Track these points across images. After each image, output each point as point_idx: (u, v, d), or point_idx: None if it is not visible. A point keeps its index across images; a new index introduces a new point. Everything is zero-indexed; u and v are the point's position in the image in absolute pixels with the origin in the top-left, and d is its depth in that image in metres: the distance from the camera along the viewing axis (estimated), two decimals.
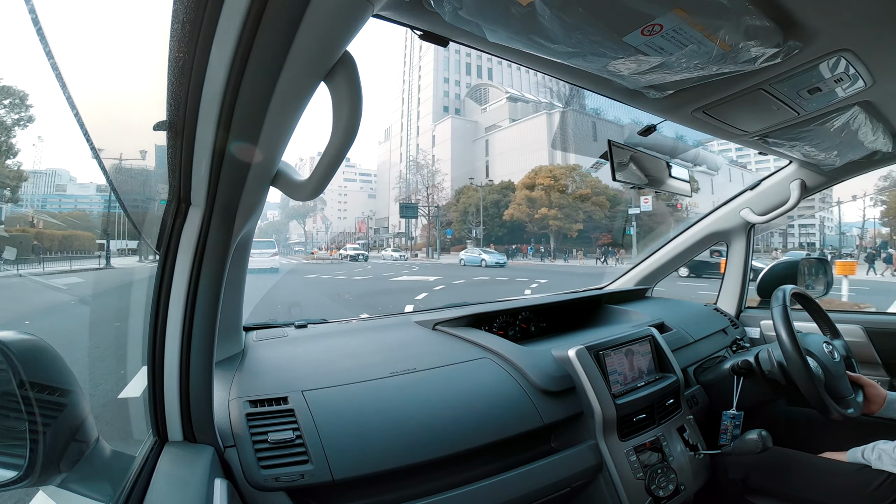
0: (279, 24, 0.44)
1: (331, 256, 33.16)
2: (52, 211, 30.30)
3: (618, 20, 0.62)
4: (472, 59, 47.80)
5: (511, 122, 41.70)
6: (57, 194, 33.81)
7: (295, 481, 0.80)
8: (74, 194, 31.15)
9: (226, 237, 0.71)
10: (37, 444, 0.52)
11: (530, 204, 32.18)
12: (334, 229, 54.55)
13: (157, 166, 0.73)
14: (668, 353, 1.34)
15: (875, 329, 1.63)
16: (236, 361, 1.06)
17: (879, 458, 1.08)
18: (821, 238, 36.53)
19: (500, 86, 44.74)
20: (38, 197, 31.94)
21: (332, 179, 0.63)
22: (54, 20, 0.45)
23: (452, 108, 48.17)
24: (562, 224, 31.13)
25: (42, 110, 39.79)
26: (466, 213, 35.64)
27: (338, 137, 0.56)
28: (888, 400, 1.28)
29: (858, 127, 1.13)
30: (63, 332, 4.51)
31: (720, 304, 1.99)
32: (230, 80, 0.49)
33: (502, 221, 33.71)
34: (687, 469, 1.21)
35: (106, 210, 13.27)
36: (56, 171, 34.93)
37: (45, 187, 32.87)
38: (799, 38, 0.72)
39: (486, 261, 24.32)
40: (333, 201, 57.05)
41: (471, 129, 45.65)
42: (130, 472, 0.67)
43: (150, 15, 0.51)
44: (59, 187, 34.64)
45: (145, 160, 0.80)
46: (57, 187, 34.47)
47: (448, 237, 36.52)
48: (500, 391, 1.09)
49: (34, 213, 22.28)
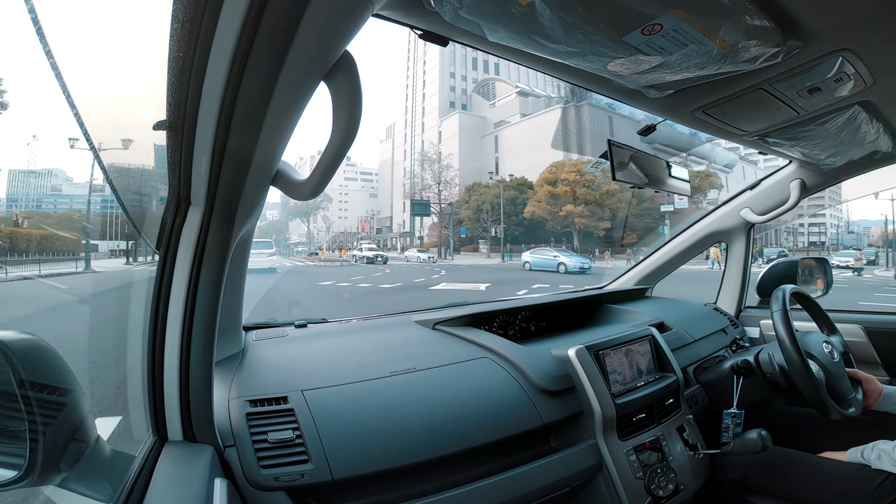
0: (279, 23, 0.44)
1: (340, 258, 30.28)
2: (46, 211, 29.74)
3: (618, 20, 0.62)
4: (478, 54, 44.96)
5: (522, 118, 40.20)
6: (52, 194, 33.25)
7: (295, 481, 0.80)
8: (70, 194, 30.56)
9: (226, 237, 0.71)
10: (37, 443, 0.52)
11: (552, 201, 29.41)
12: (335, 229, 53.59)
13: (157, 166, 0.73)
14: (667, 352, 1.34)
15: (875, 329, 1.63)
16: (236, 361, 1.06)
17: (879, 457, 1.08)
18: (830, 237, 34.89)
19: (508, 80, 43.17)
20: (32, 197, 31.44)
21: (333, 179, 0.63)
22: (54, 20, 0.45)
23: (459, 103, 45.96)
24: (587, 222, 28.35)
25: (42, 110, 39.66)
26: (480, 210, 32.93)
27: (338, 137, 0.56)
28: (884, 394, 1.28)
29: (858, 126, 1.13)
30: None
31: (720, 304, 1.99)
32: (230, 80, 0.49)
33: (520, 219, 31.34)
34: (686, 469, 1.21)
35: (100, 210, 12.87)
36: (52, 170, 34.39)
37: (40, 187, 32.33)
38: (799, 38, 0.72)
39: (568, 265, 18.85)
40: (335, 200, 55.95)
41: (479, 125, 43.42)
42: (130, 471, 0.67)
43: (149, 14, 0.51)
44: (55, 188, 34.07)
45: (145, 160, 0.80)
46: (52, 188, 33.91)
47: (462, 236, 33.76)
48: (499, 391, 1.09)
49: (18, 212, 21.61)
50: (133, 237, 8.70)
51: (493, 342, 1.27)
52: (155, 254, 0.74)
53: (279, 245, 46.83)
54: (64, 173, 35.84)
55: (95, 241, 12.99)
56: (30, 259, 11.24)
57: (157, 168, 0.74)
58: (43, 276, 8.99)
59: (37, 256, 11.40)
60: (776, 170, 1.70)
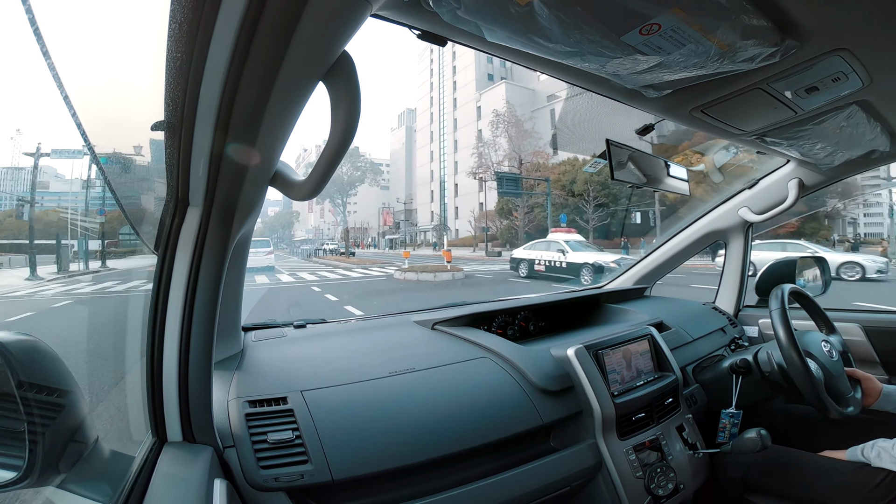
0: (277, 23, 0.44)
1: (406, 258, 16.31)
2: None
3: (616, 20, 0.62)
4: None
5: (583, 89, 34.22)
6: (40, 192, 31.45)
7: (294, 481, 0.80)
8: (58, 191, 29.11)
9: (224, 237, 0.71)
10: (36, 444, 0.51)
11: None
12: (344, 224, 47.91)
13: (155, 166, 0.73)
14: (666, 352, 1.34)
15: (874, 328, 1.63)
16: (235, 361, 1.06)
17: (878, 455, 1.08)
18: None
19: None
20: (16, 194, 29.52)
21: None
22: (51, 20, 0.45)
23: (498, 75, 38.91)
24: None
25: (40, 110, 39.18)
26: (573, 194, 24.85)
27: (336, 137, 0.56)
28: (884, 393, 1.28)
29: (856, 126, 1.13)
30: None
31: (718, 303, 1.99)
32: (228, 80, 0.49)
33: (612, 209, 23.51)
34: (686, 468, 1.22)
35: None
36: (40, 167, 32.51)
37: (25, 184, 30.41)
38: (796, 38, 0.72)
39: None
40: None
41: (528, 98, 36.07)
42: (130, 472, 0.67)
43: (147, 14, 0.51)
44: (42, 184, 32.36)
45: (143, 160, 0.80)
46: (40, 184, 32.19)
47: (563, 225, 20.90)
48: (499, 390, 1.09)
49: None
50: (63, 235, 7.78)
51: (492, 342, 1.27)
52: (98, 262, 0.73)
53: (283, 242, 43.15)
54: (54, 170, 34.04)
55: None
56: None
57: (155, 169, 0.74)
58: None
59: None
60: (774, 169, 1.70)
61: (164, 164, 0.65)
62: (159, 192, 0.72)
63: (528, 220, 27.02)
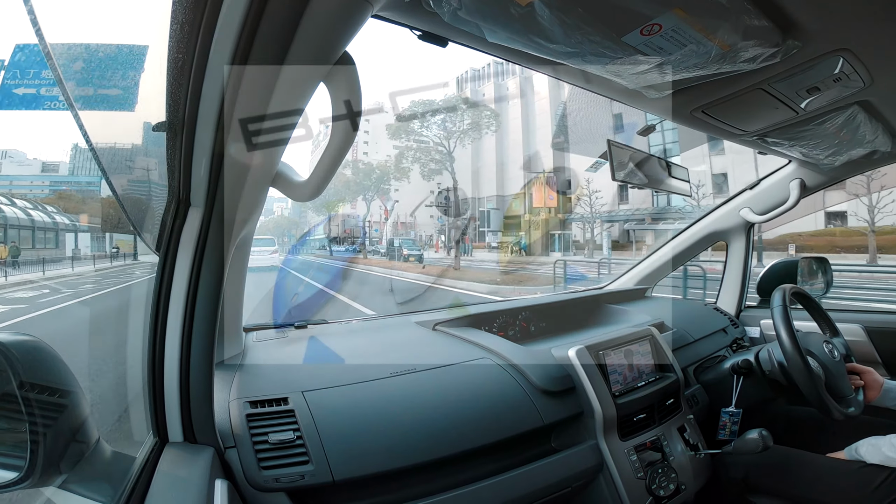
0: (278, 24, 0.44)
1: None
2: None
3: (617, 20, 0.62)
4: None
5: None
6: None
7: (295, 482, 0.80)
8: (9, 175, 24.61)
9: (226, 238, 0.71)
10: (37, 445, 0.52)
11: None
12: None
13: (157, 167, 0.73)
14: (668, 352, 1.34)
15: (875, 328, 1.63)
16: (236, 362, 1.06)
17: (869, 451, 1.09)
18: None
19: None
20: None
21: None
22: (53, 21, 0.45)
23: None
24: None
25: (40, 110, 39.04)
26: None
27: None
28: (885, 388, 1.27)
29: (857, 126, 1.13)
30: None
31: (720, 304, 1.99)
32: (230, 81, 0.49)
33: None
34: (687, 468, 1.21)
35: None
36: (6, 151, 25.17)
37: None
38: (797, 38, 0.72)
39: None
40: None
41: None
42: (131, 472, 0.67)
43: (149, 16, 0.51)
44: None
45: (145, 161, 0.80)
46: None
47: None
48: (500, 391, 1.09)
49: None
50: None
51: (493, 343, 1.27)
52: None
53: (293, 240, 37.75)
54: (24, 155, 28.38)
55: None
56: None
57: (157, 169, 0.74)
58: None
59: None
60: (776, 169, 1.70)
61: (166, 165, 0.65)
62: (161, 192, 0.73)
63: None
